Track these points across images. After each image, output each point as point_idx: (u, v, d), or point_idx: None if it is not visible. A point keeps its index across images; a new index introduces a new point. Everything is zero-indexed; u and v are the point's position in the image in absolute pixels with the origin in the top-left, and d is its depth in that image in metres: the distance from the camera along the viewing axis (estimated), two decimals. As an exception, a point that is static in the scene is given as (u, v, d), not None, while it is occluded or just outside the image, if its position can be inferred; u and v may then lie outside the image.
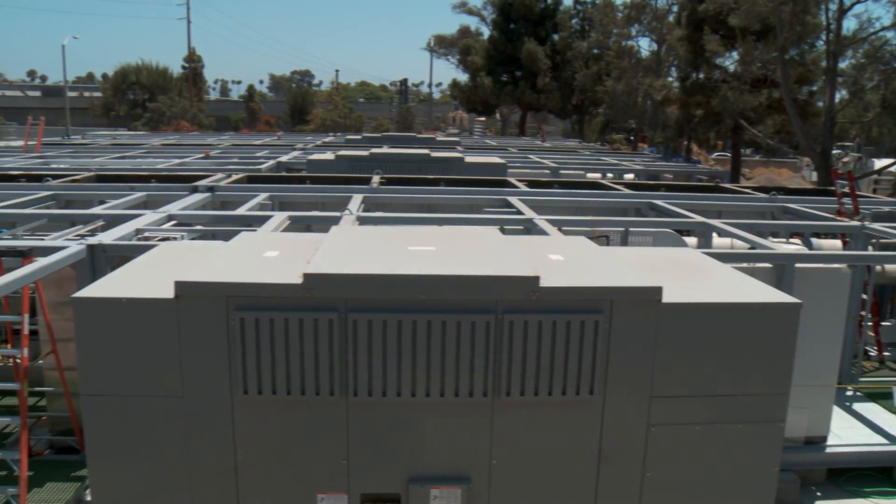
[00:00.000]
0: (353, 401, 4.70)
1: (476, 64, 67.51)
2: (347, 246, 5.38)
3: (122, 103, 77.81)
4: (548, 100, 62.98)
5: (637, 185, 16.07)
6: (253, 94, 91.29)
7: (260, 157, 20.89)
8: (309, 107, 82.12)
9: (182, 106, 74.71)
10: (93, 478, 5.20)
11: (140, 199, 11.67)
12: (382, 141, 27.76)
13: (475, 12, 73.21)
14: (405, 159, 16.91)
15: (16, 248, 7.53)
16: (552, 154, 27.96)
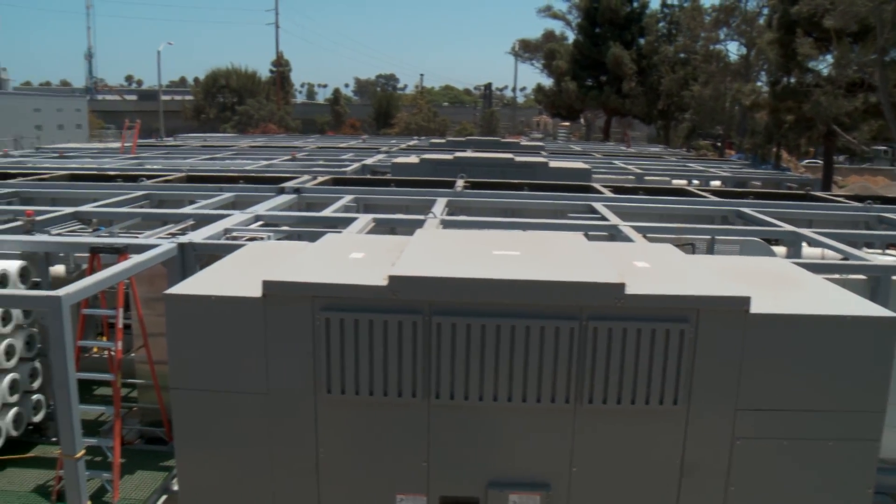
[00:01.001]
0: (435, 403, 4.71)
1: (561, 68, 67.13)
2: (432, 249, 5.41)
3: (213, 106, 79.74)
4: (633, 105, 62.22)
5: (724, 193, 15.73)
6: (339, 97, 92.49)
7: (345, 159, 21.16)
8: (393, 110, 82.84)
9: (269, 109, 76.19)
10: (180, 469, 5.33)
11: (228, 199, 11.93)
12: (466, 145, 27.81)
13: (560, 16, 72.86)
14: (489, 163, 16.90)
15: (112, 246, 7.79)
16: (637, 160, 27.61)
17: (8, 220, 9.91)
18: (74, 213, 10.24)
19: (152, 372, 8.36)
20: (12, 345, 7.92)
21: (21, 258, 8.25)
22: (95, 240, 8.36)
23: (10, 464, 7.82)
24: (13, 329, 7.97)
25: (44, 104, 64.98)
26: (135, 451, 8.28)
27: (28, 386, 8.26)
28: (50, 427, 8.63)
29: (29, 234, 8.79)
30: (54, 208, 10.71)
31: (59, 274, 9.42)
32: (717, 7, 47.87)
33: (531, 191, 13.08)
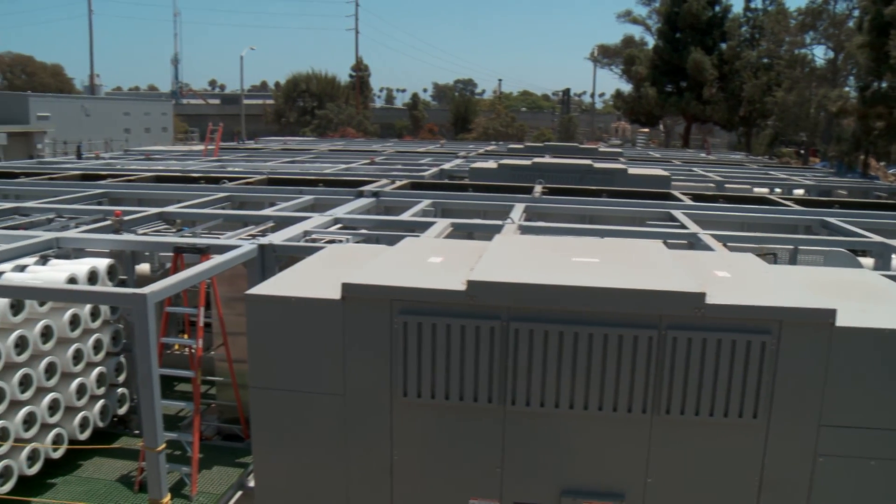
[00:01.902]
0: (511, 409, 4.71)
1: (640, 74, 66.32)
2: (510, 255, 5.40)
3: (293, 110, 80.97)
4: (714, 111, 61.07)
5: (808, 202, 15.34)
6: (417, 102, 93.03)
7: (423, 164, 21.26)
8: (471, 115, 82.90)
9: (349, 113, 77.04)
10: (257, 466, 5.43)
11: (308, 202, 12.10)
12: (544, 151, 27.70)
13: (640, 21, 71.98)
14: (567, 169, 16.79)
15: (195, 246, 7.98)
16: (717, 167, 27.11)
17: (98, 219, 10.24)
18: (160, 214, 10.52)
19: (231, 370, 8.53)
20: (100, 340, 8.17)
21: (109, 256, 8.51)
22: (179, 240, 8.57)
23: (96, 453, 8.08)
24: (101, 324, 8.22)
25: (132, 108, 66.93)
26: (212, 447, 8.45)
27: (114, 379, 8.51)
28: (133, 420, 8.88)
29: (117, 234, 9.07)
30: (141, 209, 11.04)
31: (144, 272, 9.69)
32: (804, 10, 46.68)
33: (609, 197, 12.96)
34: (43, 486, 7.58)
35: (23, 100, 54.46)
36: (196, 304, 7.85)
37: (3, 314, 6.95)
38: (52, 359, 7.55)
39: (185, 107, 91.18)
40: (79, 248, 8.68)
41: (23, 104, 53.34)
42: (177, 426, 8.26)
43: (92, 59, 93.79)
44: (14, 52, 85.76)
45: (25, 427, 7.26)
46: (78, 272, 7.74)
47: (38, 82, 78.90)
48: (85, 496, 7.39)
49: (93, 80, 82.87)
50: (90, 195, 13.08)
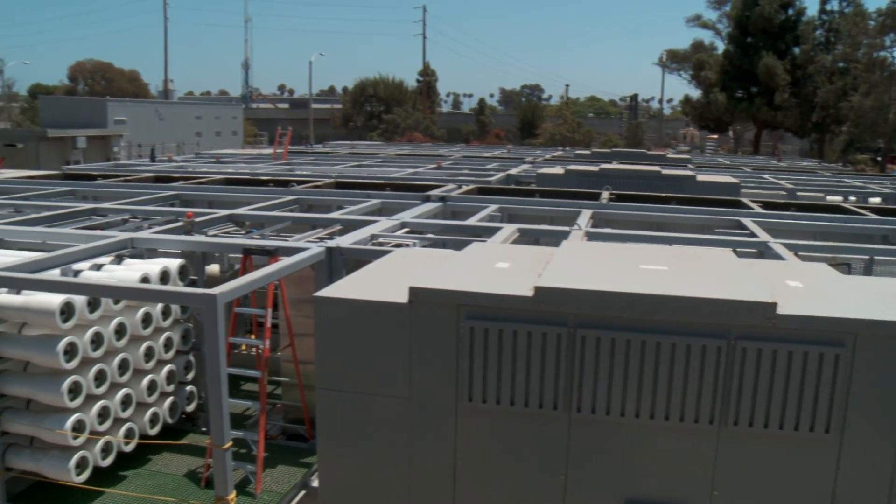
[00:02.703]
0: (576, 417, 4.68)
1: (709, 79, 65.30)
2: (578, 261, 5.38)
3: (360, 115, 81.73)
4: (785, 117, 59.80)
5: (885, 210, 14.92)
6: (484, 107, 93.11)
7: (490, 169, 21.26)
8: (538, 121, 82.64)
9: (416, 118, 77.43)
10: (321, 466, 5.49)
11: (375, 205, 12.19)
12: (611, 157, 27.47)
13: (710, 26, 70.91)
14: (634, 176, 16.63)
15: (264, 248, 8.11)
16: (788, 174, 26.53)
17: (170, 220, 10.47)
18: (229, 216, 10.71)
19: (297, 371, 8.64)
20: (171, 338, 8.35)
21: (181, 257, 8.70)
22: (248, 242, 8.71)
23: (165, 448, 8.26)
24: (172, 323, 8.40)
25: (203, 112, 68.21)
26: (277, 446, 8.57)
27: (183, 377, 8.69)
28: (201, 417, 9.05)
29: (188, 235, 9.26)
30: (211, 211, 11.25)
31: (213, 273, 9.86)
32: (884, 11, 45.41)
33: (677, 204, 12.80)
34: (115, 477, 7.78)
35: (101, 105, 55.96)
36: (264, 305, 7.96)
37: (80, 311, 7.14)
38: (125, 355, 7.74)
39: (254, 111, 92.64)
40: (152, 249, 8.88)
41: (101, 109, 54.83)
42: (243, 425, 8.39)
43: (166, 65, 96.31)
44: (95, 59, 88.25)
45: (100, 420, 7.45)
46: (151, 272, 7.92)
47: (116, 88, 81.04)
48: (154, 489, 7.55)
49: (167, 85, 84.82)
50: (163, 197, 13.38)
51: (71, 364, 7.04)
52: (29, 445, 7.45)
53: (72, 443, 7.15)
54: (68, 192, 14.47)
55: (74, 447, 7.23)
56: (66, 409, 7.12)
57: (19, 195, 13.64)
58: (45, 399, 7.12)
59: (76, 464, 7.25)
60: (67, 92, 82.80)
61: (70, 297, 7.06)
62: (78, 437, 7.19)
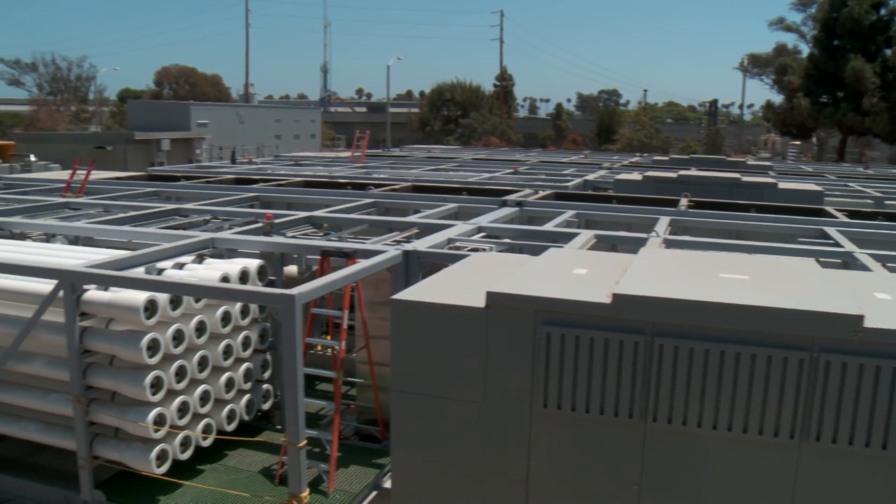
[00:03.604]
0: (652, 426, 4.63)
1: (792, 84, 63.61)
2: (657, 269, 5.32)
3: (437, 119, 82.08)
4: (874, 123, 57.81)
5: (979, 222, 14.36)
6: (560, 112, 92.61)
7: (567, 174, 21.11)
8: (615, 126, 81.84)
9: (492, 122, 77.44)
10: (394, 467, 5.53)
11: (452, 209, 12.21)
12: (690, 163, 27.03)
13: (794, 29, 69.10)
14: (714, 183, 16.34)
15: (342, 250, 8.19)
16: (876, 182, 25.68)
17: (250, 221, 10.67)
18: (308, 218, 10.85)
19: (371, 373, 8.69)
20: (248, 337, 8.49)
21: (260, 257, 8.84)
22: (326, 243, 8.80)
23: (241, 444, 8.40)
24: (250, 322, 8.54)
25: (283, 115, 69.42)
26: (350, 447, 8.62)
27: (259, 376, 8.82)
28: (276, 415, 9.17)
29: (268, 236, 9.41)
30: (290, 212, 11.42)
31: (291, 274, 9.99)
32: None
33: (758, 212, 12.52)
34: (193, 471, 7.94)
35: (185, 108, 57.47)
36: (341, 307, 8.03)
37: (163, 308, 7.32)
38: (204, 353, 7.90)
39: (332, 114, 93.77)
40: (232, 249, 9.05)
41: (184, 112, 56.32)
42: (317, 424, 8.46)
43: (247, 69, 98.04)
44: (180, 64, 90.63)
45: (180, 415, 7.62)
46: (231, 271, 8.07)
47: (199, 92, 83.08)
48: (229, 484, 7.69)
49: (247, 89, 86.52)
50: (243, 198, 13.64)
51: (153, 359, 7.22)
52: (114, 436, 7.66)
53: (153, 435, 7.33)
54: (153, 193, 14.88)
55: (155, 440, 7.41)
56: (148, 402, 7.30)
57: (108, 195, 14.09)
58: (129, 392, 7.32)
59: (157, 456, 7.43)
60: (153, 96, 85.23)
61: (154, 295, 7.24)
62: (159, 430, 7.37)
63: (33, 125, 74.76)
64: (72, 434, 7.62)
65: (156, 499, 7.50)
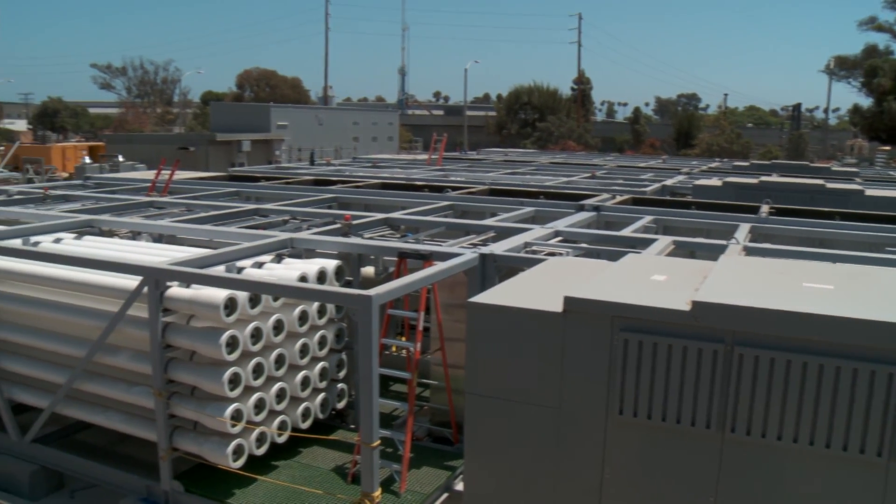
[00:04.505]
0: (730, 437, 4.54)
1: (883, 87, 61.44)
2: (737, 276, 5.21)
3: (514, 122, 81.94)
4: (968, 126, 55.67)
5: None
6: (639, 116, 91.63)
7: (644, 179, 20.84)
8: (694, 131, 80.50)
9: (569, 126, 76.97)
10: (467, 470, 5.54)
11: (528, 213, 12.16)
12: (772, 169, 26.42)
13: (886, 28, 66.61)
14: (796, 189, 15.93)
15: (419, 252, 8.23)
16: (972, 191, 24.78)
17: (328, 222, 10.80)
18: (385, 220, 10.94)
19: (446, 375, 8.71)
20: (325, 336, 8.59)
21: (337, 258, 8.94)
22: (404, 245, 8.85)
23: (315, 442, 8.50)
24: (326, 322, 8.64)
25: (361, 118, 70.17)
26: (422, 448, 8.65)
27: (335, 375, 8.91)
28: (350, 414, 9.26)
29: (345, 237, 9.51)
30: (367, 214, 11.53)
31: (368, 274, 10.07)
32: None
33: (843, 220, 12.18)
34: (268, 466, 8.07)
35: (265, 110, 58.55)
36: (416, 308, 8.08)
37: (242, 306, 7.46)
38: (281, 351, 8.02)
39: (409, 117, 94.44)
40: (310, 249, 9.17)
41: (265, 114, 57.39)
42: (390, 424, 8.52)
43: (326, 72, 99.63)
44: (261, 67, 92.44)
45: (256, 411, 7.76)
46: (308, 271, 8.17)
47: (279, 94, 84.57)
48: (303, 481, 7.79)
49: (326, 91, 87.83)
50: (321, 199, 13.81)
51: (232, 356, 7.35)
52: (193, 429, 7.84)
53: (230, 430, 7.47)
54: (234, 193, 15.19)
55: (232, 434, 7.55)
56: (226, 398, 7.44)
57: (190, 195, 14.44)
58: (208, 387, 7.47)
59: (233, 450, 7.57)
60: (235, 98, 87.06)
61: (233, 293, 7.38)
62: (236, 425, 7.50)
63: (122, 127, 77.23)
64: (153, 426, 7.83)
65: (231, 492, 7.65)
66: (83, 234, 10.17)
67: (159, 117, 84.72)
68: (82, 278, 8.20)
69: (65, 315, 8.39)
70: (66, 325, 8.47)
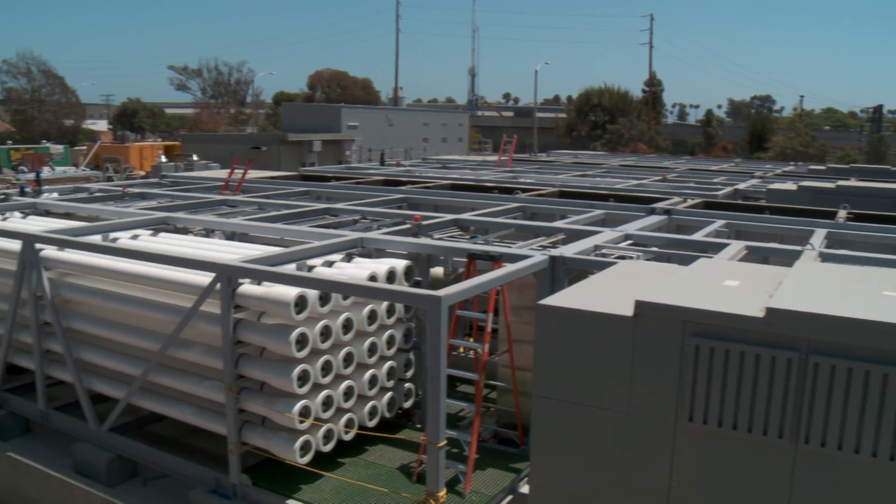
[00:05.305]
0: (803, 448, 4.43)
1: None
2: (813, 283, 5.10)
3: (584, 124, 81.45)
4: None
5: None
6: (711, 118, 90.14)
7: (716, 182, 20.52)
8: (768, 133, 78.89)
9: (640, 128, 76.15)
10: (533, 473, 5.52)
11: (598, 216, 12.07)
12: (850, 173, 25.78)
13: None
14: (876, 194, 15.49)
15: (489, 253, 8.22)
16: None
17: (398, 222, 10.86)
18: (454, 221, 10.95)
19: (513, 376, 8.69)
20: (393, 336, 8.64)
21: (407, 258, 8.99)
22: (473, 246, 8.85)
23: (381, 441, 8.56)
24: (395, 321, 8.69)
25: (431, 119, 70.51)
26: (488, 449, 8.64)
27: (402, 374, 8.96)
28: (416, 414, 9.29)
29: (415, 237, 9.55)
30: (437, 215, 11.56)
31: (437, 275, 10.10)
32: None
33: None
34: (334, 463, 8.15)
35: (336, 111, 59.24)
36: (485, 310, 8.07)
37: (312, 304, 7.54)
38: (350, 349, 8.08)
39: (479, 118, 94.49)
40: (380, 249, 9.23)
41: (336, 115, 58.08)
42: (456, 425, 8.53)
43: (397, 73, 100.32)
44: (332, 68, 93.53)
45: (324, 408, 7.84)
46: (378, 271, 8.23)
47: (350, 95, 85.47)
48: (369, 479, 7.84)
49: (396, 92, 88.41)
50: (391, 199, 13.90)
51: (301, 353, 7.44)
52: (261, 424, 7.96)
53: (298, 426, 7.56)
54: (305, 193, 15.39)
55: (300, 431, 7.64)
56: (294, 394, 7.53)
57: (262, 194, 14.68)
58: (277, 384, 7.57)
59: (300, 446, 7.66)
60: (306, 99, 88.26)
61: (304, 291, 7.46)
62: (303, 421, 7.59)
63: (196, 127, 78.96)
64: (223, 419, 7.98)
65: (297, 487, 7.74)
66: (159, 231, 10.43)
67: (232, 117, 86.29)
68: (158, 274, 8.41)
69: (141, 309, 8.63)
70: (141, 318, 8.70)
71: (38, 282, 9.30)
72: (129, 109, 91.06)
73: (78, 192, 15.36)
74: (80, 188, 16.28)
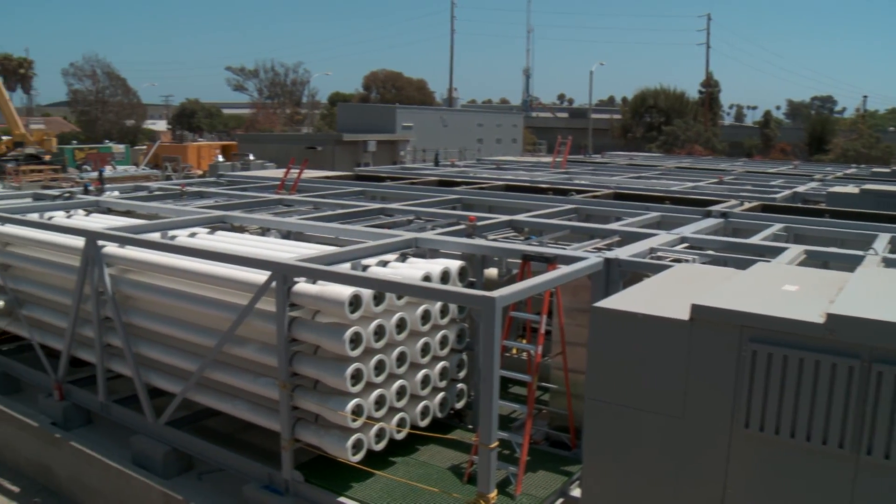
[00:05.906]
0: (865, 460, 4.33)
1: None
2: (876, 289, 4.99)
3: (639, 126, 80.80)
4: None
5: None
6: (769, 120, 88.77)
7: (774, 185, 20.17)
8: (829, 135, 77.37)
9: (696, 130, 75.27)
10: (585, 476, 5.48)
11: (654, 218, 11.95)
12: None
13: None
14: (944, 198, 15.10)
15: (543, 255, 8.19)
16: None
17: (452, 223, 10.88)
18: (509, 222, 10.94)
19: (566, 379, 8.65)
20: (446, 336, 8.65)
21: (461, 258, 9.00)
22: (528, 248, 8.84)
23: (432, 441, 8.58)
24: (448, 322, 8.71)
25: (485, 120, 70.52)
26: (539, 452, 8.61)
27: (455, 375, 8.97)
28: (468, 415, 9.30)
29: (469, 238, 9.55)
30: (491, 215, 11.56)
31: (491, 276, 10.10)
32: None
33: None
34: (385, 462, 8.20)
35: (391, 111, 59.58)
36: (539, 311, 8.05)
37: (367, 304, 7.59)
38: (403, 349, 8.12)
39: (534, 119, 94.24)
40: (434, 249, 9.26)
41: (390, 115, 58.41)
42: (508, 426, 8.52)
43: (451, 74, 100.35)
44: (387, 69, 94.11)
45: (376, 407, 7.89)
46: (432, 271, 8.25)
47: (405, 96, 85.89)
48: (420, 478, 7.87)
49: (451, 93, 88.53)
50: (446, 200, 13.93)
51: (355, 352, 7.49)
52: (314, 422, 8.04)
53: (350, 425, 7.62)
54: (359, 192, 15.50)
55: (352, 429, 7.70)
56: (347, 393, 7.59)
57: (318, 193, 14.83)
58: (330, 382, 7.64)
59: (353, 444, 7.72)
60: (361, 99, 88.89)
61: (358, 290, 7.52)
62: (356, 420, 7.65)
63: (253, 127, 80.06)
64: (276, 416, 8.08)
65: (349, 485, 7.81)
66: (216, 230, 10.60)
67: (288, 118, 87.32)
68: (214, 271, 8.55)
69: (197, 306, 8.79)
70: (198, 315, 8.86)
71: (100, 278, 9.54)
72: (188, 110, 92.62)
73: (138, 191, 15.70)
74: (140, 187, 16.64)
